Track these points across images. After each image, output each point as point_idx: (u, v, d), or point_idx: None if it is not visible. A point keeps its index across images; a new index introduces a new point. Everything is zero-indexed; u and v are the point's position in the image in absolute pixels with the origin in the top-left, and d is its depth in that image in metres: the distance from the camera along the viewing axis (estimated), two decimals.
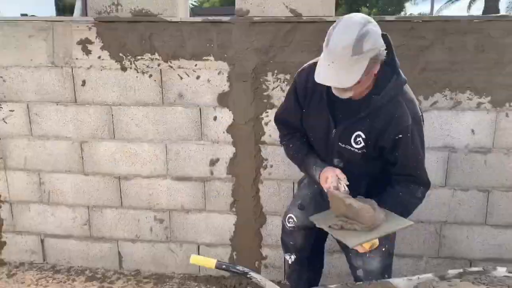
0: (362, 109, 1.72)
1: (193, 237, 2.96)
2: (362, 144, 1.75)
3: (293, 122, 1.97)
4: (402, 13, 27.64)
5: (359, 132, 1.74)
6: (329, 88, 1.71)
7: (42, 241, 3.11)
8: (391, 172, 1.81)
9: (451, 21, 2.44)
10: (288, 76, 2.61)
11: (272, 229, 2.86)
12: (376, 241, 1.69)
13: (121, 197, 2.95)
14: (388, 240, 1.93)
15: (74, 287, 2.90)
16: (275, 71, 2.62)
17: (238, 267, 1.69)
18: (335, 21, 1.59)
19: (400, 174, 1.79)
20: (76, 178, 2.95)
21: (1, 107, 2.88)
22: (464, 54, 2.46)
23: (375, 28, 1.56)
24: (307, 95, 1.84)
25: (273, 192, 2.81)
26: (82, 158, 2.91)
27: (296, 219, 2.12)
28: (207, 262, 1.98)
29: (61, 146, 2.90)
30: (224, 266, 1.70)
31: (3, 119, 2.90)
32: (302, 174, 2.77)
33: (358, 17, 1.56)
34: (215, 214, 2.90)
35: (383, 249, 1.92)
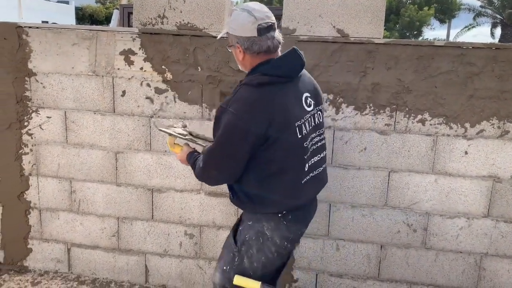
0: None
1: None
2: None
3: None
4: (420, 38, 27.76)
5: None
6: None
7: (68, 250, 3.07)
8: None
9: (502, 49, 2.40)
10: (331, 96, 2.57)
11: (305, 251, 2.80)
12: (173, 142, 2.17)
13: (152, 210, 2.91)
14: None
15: None
16: None
17: None
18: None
19: None
20: (108, 189, 2.92)
21: (39, 113, 2.88)
22: None
23: (241, 15, 1.75)
24: None
25: None
26: (116, 169, 2.88)
27: None
28: (251, 284, 1.93)
29: (95, 155, 2.88)
30: None
31: (40, 125, 2.89)
32: (343, 193, 2.73)
33: (248, 4, 1.80)
34: None
35: (224, 268, 1.97)
